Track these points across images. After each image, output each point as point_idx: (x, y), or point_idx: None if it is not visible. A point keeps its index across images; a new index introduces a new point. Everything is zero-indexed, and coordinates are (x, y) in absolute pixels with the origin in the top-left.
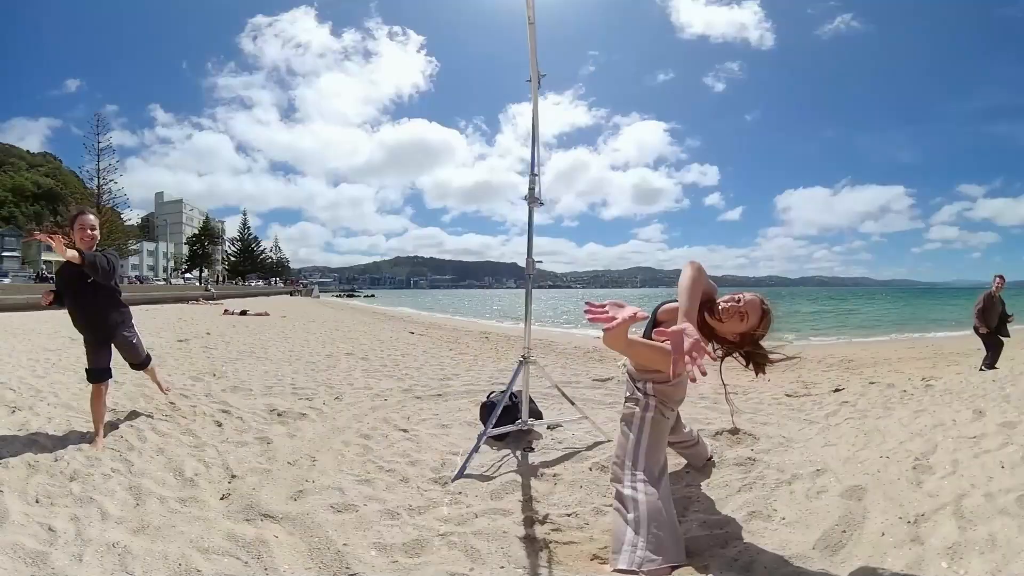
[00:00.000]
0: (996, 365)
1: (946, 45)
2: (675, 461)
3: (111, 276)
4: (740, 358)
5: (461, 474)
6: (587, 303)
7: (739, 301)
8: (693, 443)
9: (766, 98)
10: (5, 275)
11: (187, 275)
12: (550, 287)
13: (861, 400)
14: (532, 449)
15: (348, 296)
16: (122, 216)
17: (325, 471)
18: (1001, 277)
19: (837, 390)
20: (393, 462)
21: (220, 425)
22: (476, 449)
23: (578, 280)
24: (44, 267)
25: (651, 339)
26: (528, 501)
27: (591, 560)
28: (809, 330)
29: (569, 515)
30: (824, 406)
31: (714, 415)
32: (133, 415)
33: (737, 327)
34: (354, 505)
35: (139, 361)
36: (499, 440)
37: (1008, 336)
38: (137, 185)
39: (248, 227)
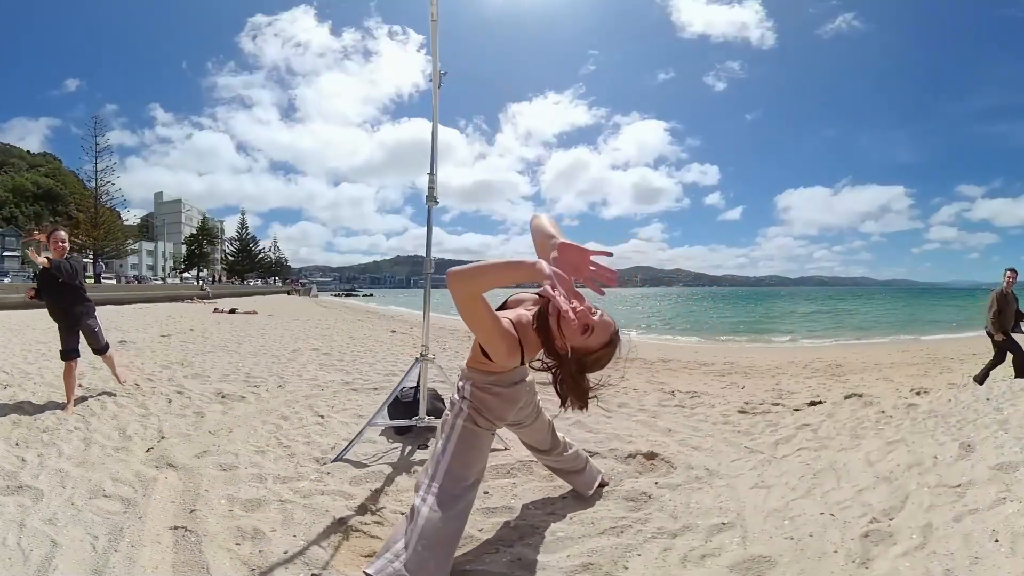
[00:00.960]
0: None
1: (946, 45)
2: (557, 483)
3: (74, 278)
4: (555, 384)
5: (339, 457)
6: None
7: (592, 310)
8: (578, 470)
9: (767, 97)
10: (5, 275)
11: (185, 275)
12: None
13: (826, 423)
14: (426, 447)
15: (346, 295)
16: (121, 216)
17: (234, 440)
18: (1013, 271)
19: (813, 403)
20: (292, 440)
21: (170, 402)
22: (358, 437)
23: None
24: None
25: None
26: (379, 492)
27: (369, 556)
28: (804, 331)
29: (404, 513)
30: (779, 429)
31: (642, 431)
32: (102, 393)
33: (574, 337)
34: (236, 467)
35: (98, 347)
36: (400, 434)
37: (1022, 333)
38: (137, 185)
39: (246, 227)
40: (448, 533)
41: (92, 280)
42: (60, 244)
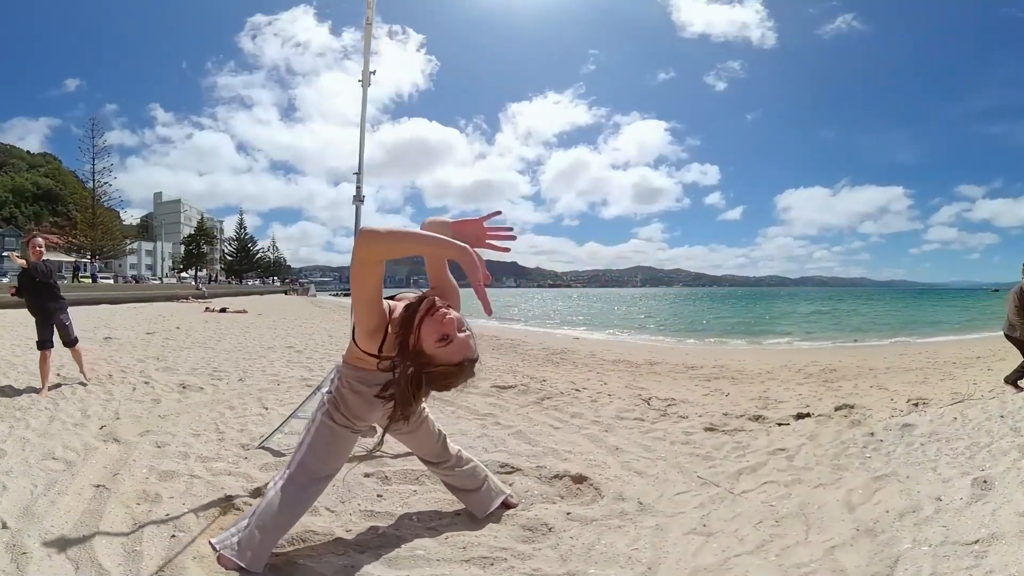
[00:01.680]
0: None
1: (946, 45)
2: (451, 497)
3: (48, 278)
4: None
5: (260, 445)
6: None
7: (460, 326)
8: (471, 489)
9: (767, 97)
10: (4, 275)
11: (183, 275)
12: (550, 286)
13: (806, 447)
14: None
15: (345, 295)
16: (120, 216)
17: (177, 423)
18: None
19: (800, 415)
20: (229, 427)
21: (134, 390)
22: (280, 428)
23: (578, 279)
24: None
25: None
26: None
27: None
28: (801, 333)
29: None
30: (747, 453)
31: (586, 448)
32: (78, 383)
33: (428, 339)
34: (169, 445)
35: (68, 340)
36: None
37: None
38: (138, 184)
39: (244, 227)
40: (281, 521)
41: (89, 280)
42: (37, 249)
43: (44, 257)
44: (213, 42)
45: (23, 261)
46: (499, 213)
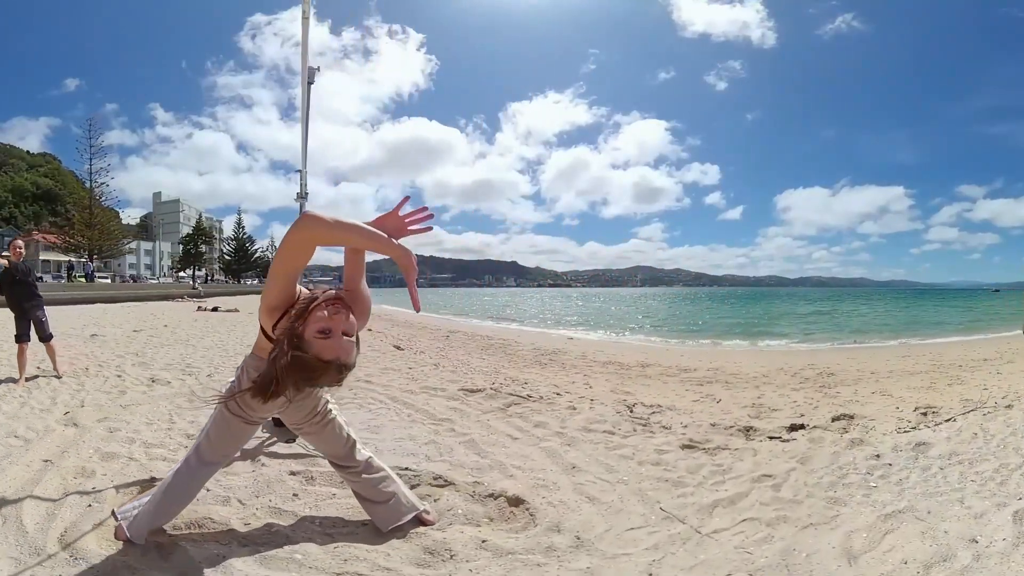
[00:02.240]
0: None
1: (946, 45)
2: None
3: (27, 276)
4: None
5: None
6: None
7: (347, 330)
8: (378, 500)
9: (767, 97)
10: None
11: (180, 274)
12: (550, 286)
13: (796, 473)
14: (292, 441)
15: None
16: (119, 216)
17: (136, 412)
18: None
19: (794, 427)
20: (182, 418)
21: (105, 381)
22: None
23: (578, 279)
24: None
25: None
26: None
27: None
28: (799, 333)
29: (208, 490)
30: (727, 479)
31: (539, 464)
32: (52, 375)
33: (311, 326)
34: (120, 430)
35: (43, 336)
36: (278, 426)
37: None
38: (138, 184)
39: (242, 227)
40: (169, 500)
41: (84, 279)
42: (18, 250)
43: (24, 257)
44: (213, 42)
45: (5, 261)
46: (408, 199)
